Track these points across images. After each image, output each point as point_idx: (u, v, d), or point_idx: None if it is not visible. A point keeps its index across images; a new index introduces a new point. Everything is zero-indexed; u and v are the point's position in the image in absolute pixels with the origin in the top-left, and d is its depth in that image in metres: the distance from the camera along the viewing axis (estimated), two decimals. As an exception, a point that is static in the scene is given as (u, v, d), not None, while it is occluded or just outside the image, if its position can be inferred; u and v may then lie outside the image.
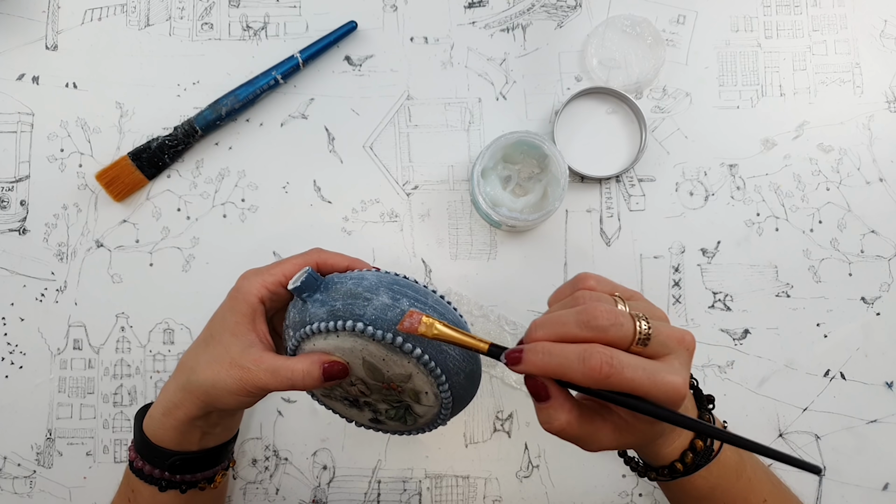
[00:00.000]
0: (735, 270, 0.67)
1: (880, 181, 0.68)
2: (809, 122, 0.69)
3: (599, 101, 0.69)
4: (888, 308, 0.66)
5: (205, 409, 0.49)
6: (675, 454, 0.47)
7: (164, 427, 0.51)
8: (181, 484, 0.53)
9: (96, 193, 0.69)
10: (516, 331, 0.67)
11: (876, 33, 0.69)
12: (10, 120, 0.70)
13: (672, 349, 0.39)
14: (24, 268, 0.69)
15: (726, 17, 0.70)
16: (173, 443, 0.51)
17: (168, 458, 0.51)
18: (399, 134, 0.70)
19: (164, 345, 0.68)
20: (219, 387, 0.47)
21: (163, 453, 0.51)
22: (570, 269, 0.68)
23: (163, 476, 0.52)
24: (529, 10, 0.70)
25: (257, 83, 0.68)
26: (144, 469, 0.52)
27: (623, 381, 0.36)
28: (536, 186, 0.65)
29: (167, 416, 0.50)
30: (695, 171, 0.68)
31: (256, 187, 0.69)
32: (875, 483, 0.65)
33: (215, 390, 0.47)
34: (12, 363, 0.68)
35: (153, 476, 0.52)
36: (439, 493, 0.66)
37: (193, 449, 0.52)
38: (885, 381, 0.66)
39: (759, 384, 0.66)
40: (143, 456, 0.52)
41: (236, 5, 0.71)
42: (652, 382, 0.37)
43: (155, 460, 0.52)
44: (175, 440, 0.51)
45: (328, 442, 0.67)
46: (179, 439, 0.51)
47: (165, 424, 0.51)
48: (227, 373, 0.47)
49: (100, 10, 0.71)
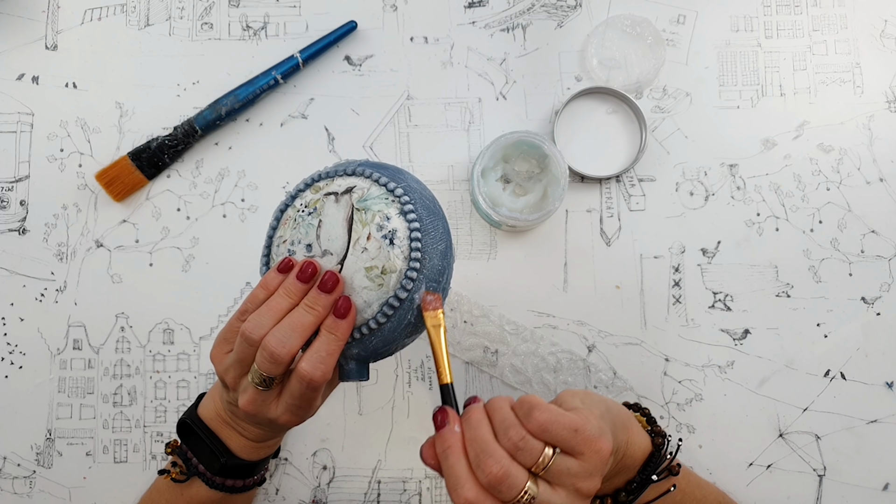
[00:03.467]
0: (735, 270, 0.67)
1: (880, 181, 0.68)
2: (809, 122, 0.68)
3: (599, 101, 0.69)
4: (888, 308, 0.66)
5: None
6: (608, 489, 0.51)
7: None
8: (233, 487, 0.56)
9: (96, 193, 0.69)
10: (517, 330, 0.67)
11: (876, 33, 0.69)
12: (10, 120, 0.70)
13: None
14: (24, 268, 0.69)
15: (726, 17, 0.70)
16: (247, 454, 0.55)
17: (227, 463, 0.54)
18: (399, 134, 0.69)
19: (164, 345, 0.68)
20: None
21: (243, 463, 0.54)
22: (570, 269, 0.68)
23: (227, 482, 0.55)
24: (529, 10, 0.70)
25: (257, 83, 0.68)
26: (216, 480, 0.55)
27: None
28: (536, 186, 0.65)
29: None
30: (695, 171, 0.68)
31: (256, 187, 0.69)
32: (875, 483, 0.65)
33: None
34: (12, 363, 0.68)
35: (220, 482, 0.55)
36: (439, 494, 0.66)
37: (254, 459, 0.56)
38: (886, 382, 0.66)
39: (759, 384, 0.66)
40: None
41: (236, 5, 0.71)
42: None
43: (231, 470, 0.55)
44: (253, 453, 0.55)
45: (328, 442, 0.67)
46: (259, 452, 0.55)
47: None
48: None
49: (100, 10, 0.71)
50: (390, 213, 0.45)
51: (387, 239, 0.45)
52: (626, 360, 0.67)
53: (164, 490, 0.57)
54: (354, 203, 0.46)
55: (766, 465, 0.65)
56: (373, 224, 0.45)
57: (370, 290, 0.45)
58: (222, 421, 0.53)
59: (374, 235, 0.45)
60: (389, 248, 0.45)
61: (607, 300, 0.67)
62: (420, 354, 0.67)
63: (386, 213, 0.45)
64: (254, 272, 0.68)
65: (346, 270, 0.45)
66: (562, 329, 0.67)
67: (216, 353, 0.49)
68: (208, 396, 0.55)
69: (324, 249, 0.46)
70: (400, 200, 0.46)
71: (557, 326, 0.67)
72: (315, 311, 0.44)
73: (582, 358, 0.67)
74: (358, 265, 0.45)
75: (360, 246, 0.45)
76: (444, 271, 0.46)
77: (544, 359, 0.66)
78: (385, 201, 0.46)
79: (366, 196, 0.46)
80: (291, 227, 0.48)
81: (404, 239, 0.45)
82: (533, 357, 0.66)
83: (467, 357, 0.67)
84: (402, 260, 0.45)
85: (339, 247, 0.46)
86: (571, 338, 0.67)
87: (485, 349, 0.67)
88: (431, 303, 0.45)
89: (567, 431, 0.41)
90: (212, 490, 0.55)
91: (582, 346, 0.67)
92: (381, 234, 0.45)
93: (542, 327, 0.67)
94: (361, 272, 0.45)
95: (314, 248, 0.47)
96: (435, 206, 0.48)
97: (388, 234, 0.45)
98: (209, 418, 0.54)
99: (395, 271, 0.45)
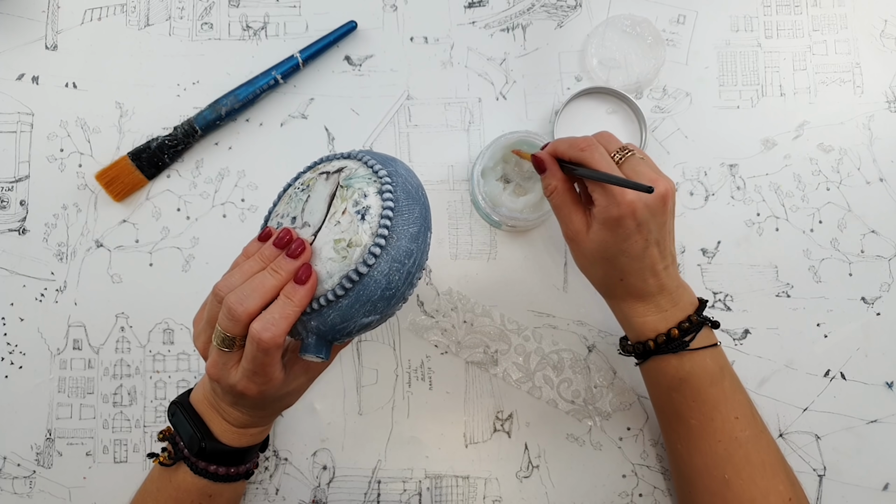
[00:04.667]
0: (735, 270, 0.67)
1: (880, 181, 0.68)
2: (809, 121, 0.68)
3: (599, 100, 0.69)
4: (888, 308, 0.66)
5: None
6: (648, 332, 0.54)
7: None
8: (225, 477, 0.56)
9: (96, 193, 0.69)
10: (518, 329, 0.67)
11: (876, 33, 0.69)
12: (10, 120, 0.70)
13: (644, 178, 0.51)
14: (24, 268, 0.69)
15: (726, 16, 0.70)
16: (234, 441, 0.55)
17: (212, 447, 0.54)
18: (399, 134, 0.69)
19: (164, 345, 0.68)
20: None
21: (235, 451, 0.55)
22: (570, 268, 0.68)
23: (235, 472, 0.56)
24: (529, 10, 0.70)
25: (257, 83, 0.68)
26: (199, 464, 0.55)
27: (587, 158, 0.52)
28: (536, 186, 0.65)
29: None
30: (695, 171, 0.68)
31: (256, 187, 0.69)
32: (875, 483, 0.65)
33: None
34: (12, 363, 0.68)
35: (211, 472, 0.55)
36: (439, 494, 0.66)
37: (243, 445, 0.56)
38: (886, 381, 0.66)
39: (759, 384, 0.66)
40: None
41: (236, 5, 0.71)
42: (609, 171, 0.51)
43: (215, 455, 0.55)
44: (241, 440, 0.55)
45: (328, 442, 0.67)
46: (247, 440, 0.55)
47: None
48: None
49: (99, 10, 0.71)
50: (369, 192, 0.46)
51: (359, 214, 0.46)
52: (626, 361, 0.67)
53: (155, 477, 0.58)
54: (340, 180, 0.48)
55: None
56: (350, 200, 0.46)
57: (334, 261, 0.45)
58: (209, 404, 0.54)
59: (349, 210, 0.46)
60: (360, 223, 0.45)
61: (607, 300, 0.67)
62: (420, 354, 0.67)
63: (364, 191, 0.46)
64: (254, 272, 0.68)
65: (318, 242, 0.46)
66: (562, 329, 0.67)
67: (195, 319, 0.50)
68: (201, 380, 0.56)
69: (304, 221, 0.48)
70: (381, 181, 0.47)
71: (557, 326, 0.67)
72: (278, 276, 0.45)
73: (582, 358, 0.67)
74: (329, 237, 0.46)
75: (335, 219, 0.46)
76: (412, 254, 0.47)
77: (546, 357, 0.66)
78: (367, 180, 0.47)
79: (352, 175, 0.48)
80: (286, 202, 0.50)
81: (375, 216, 0.46)
82: (534, 355, 0.66)
83: (467, 357, 0.67)
84: (368, 235, 0.45)
85: (318, 219, 0.47)
86: (571, 338, 0.67)
87: (486, 348, 0.67)
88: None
89: (619, 142, 0.55)
90: (197, 477, 0.54)
91: (582, 346, 0.67)
92: (355, 209, 0.46)
93: (543, 327, 0.67)
94: (330, 244, 0.46)
95: (297, 220, 0.48)
96: (418, 192, 0.49)
97: (361, 209, 0.46)
98: (197, 401, 0.55)
99: (361, 245, 0.45)
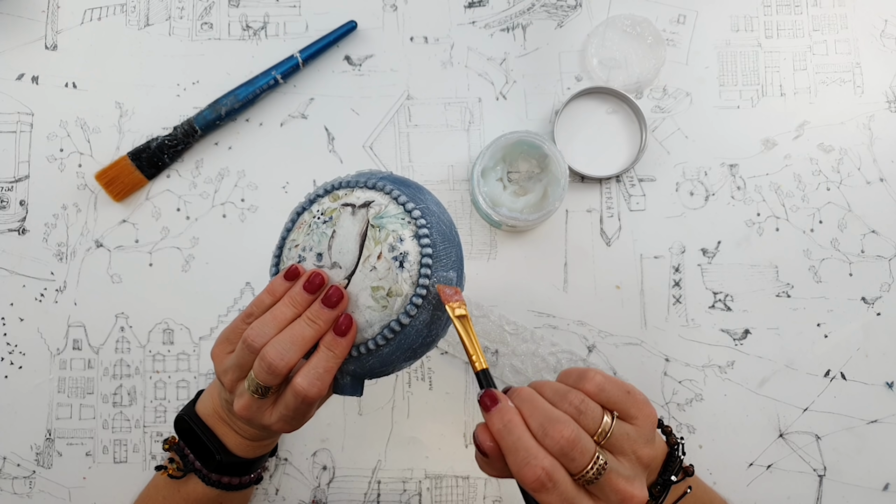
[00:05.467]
0: (735, 270, 0.67)
1: (881, 181, 0.68)
2: (810, 121, 0.68)
3: (600, 100, 0.69)
4: (889, 308, 0.66)
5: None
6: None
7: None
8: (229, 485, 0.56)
9: (96, 193, 0.69)
10: (517, 331, 0.67)
11: (876, 33, 0.69)
12: (10, 120, 0.70)
13: (612, 503, 0.39)
14: (24, 268, 0.69)
15: (727, 16, 0.70)
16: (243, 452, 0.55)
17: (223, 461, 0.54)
18: (399, 134, 0.69)
19: (164, 345, 0.68)
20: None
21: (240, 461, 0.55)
22: (570, 269, 0.68)
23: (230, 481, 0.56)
24: (529, 10, 0.70)
25: (257, 83, 0.68)
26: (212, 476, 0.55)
27: (543, 502, 0.38)
28: (536, 186, 0.65)
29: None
30: (695, 171, 0.68)
31: (256, 187, 0.69)
32: (875, 483, 0.65)
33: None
34: (12, 363, 0.68)
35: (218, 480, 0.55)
36: (439, 494, 0.66)
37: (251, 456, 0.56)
38: (886, 382, 0.66)
39: (759, 384, 0.66)
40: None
41: (236, 5, 0.71)
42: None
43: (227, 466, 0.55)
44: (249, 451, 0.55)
45: (328, 442, 0.67)
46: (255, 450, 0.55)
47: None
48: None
49: (99, 10, 0.71)
50: (404, 235, 0.44)
51: (397, 261, 0.44)
52: (626, 361, 0.67)
53: (161, 487, 0.57)
54: (370, 219, 0.45)
55: (767, 466, 0.65)
56: (385, 243, 0.44)
57: (374, 310, 0.44)
58: (219, 418, 0.53)
59: (385, 255, 0.44)
60: (399, 270, 0.44)
61: (607, 300, 0.67)
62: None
63: (400, 235, 0.44)
64: (253, 272, 0.68)
65: (353, 287, 0.45)
66: (562, 329, 0.67)
67: (217, 351, 0.49)
68: (206, 393, 0.55)
69: (333, 261, 0.45)
70: (416, 223, 0.45)
71: (557, 326, 0.67)
72: (316, 326, 0.44)
73: (582, 358, 0.66)
74: (365, 283, 0.44)
75: (370, 264, 0.44)
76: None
77: (544, 359, 0.66)
78: (401, 221, 0.45)
79: (382, 213, 0.45)
80: (305, 232, 0.47)
81: (415, 263, 0.44)
82: (533, 357, 0.66)
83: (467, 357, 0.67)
84: (409, 285, 0.44)
85: (349, 261, 0.45)
86: (571, 338, 0.67)
87: (484, 349, 0.67)
88: (451, 295, 0.44)
89: (621, 392, 0.41)
90: (208, 487, 0.55)
91: (582, 346, 0.67)
92: (392, 254, 0.44)
93: (543, 327, 0.67)
94: (367, 291, 0.44)
95: (324, 258, 0.46)
96: (451, 231, 0.47)
97: (399, 255, 0.44)
98: (206, 415, 0.54)
99: (402, 295, 0.44)
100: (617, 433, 0.40)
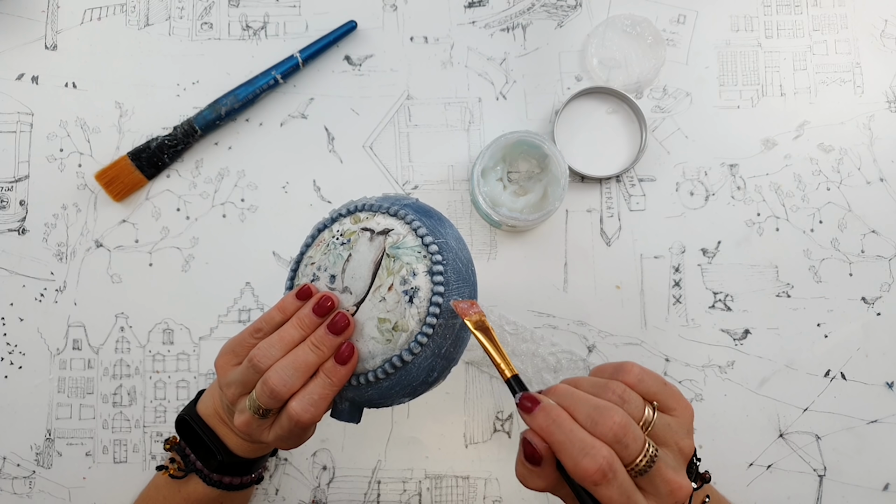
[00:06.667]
0: (735, 270, 0.67)
1: (881, 181, 0.68)
2: (810, 121, 0.68)
3: (600, 100, 0.69)
4: (889, 308, 0.66)
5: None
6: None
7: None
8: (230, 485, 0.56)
9: (96, 193, 0.69)
10: (517, 331, 0.66)
11: (876, 33, 0.69)
12: (10, 120, 0.70)
13: (661, 494, 0.38)
14: (24, 268, 0.68)
15: (727, 16, 0.70)
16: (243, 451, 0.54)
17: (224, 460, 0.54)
18: (399, 134, 0.69)
19: (164, 345, 0.68)
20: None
21: (242, 461, 0.54)
22: (570, 269, 0.68)
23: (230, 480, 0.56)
24: (529, 10, 0.70)
25: (257, 83, 0.68)
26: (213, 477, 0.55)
27: (603, 496, 0.36)
28: (536, 186, 0.65)
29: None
30: (695, 171, 0.68)
31: (256, 187, 0.69)
32: (875, 483, 0.65)
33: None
34: (12, 363, 0.68)
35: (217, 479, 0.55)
36: (439, 494, 0.66)
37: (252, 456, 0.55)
38: (886, 382, 0.66)
39: (759, 384, 0.66)
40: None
41: (236, 5, 0.71)
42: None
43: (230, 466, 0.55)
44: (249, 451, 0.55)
45: (328, 442, 0.67)
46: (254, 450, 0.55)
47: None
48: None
49: (99, 10, 0.71)
50: (418, 269, 0.44)
51: (407, 295, 0.43)
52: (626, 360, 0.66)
53: (161, 486, 0.57)
54: (387, 247, 0.44)
55: (767, 466, 0.65)
56: (398, 275, 0.43)
57: (378, 342, 0.43)
58: (220, 419, 0.53)
59: (396, 287, 0.43)
60: (407, 305, 0.43)
61: (607, 300, 0.67)
62: (420, 354, 0.67)
63: (414, 269, 0.44)
64: (253, 272, 0.68)
65: (361, 314, 0.44)
66: (562, 329, 0.67)
67: (222, 363, 0.48)
68: (207, 393, 0.55)
69: (345, 286, 0.45)
70: (432, 258, 0.44)
71: (557, 326, 0.67)
72: (319, 352, 0.44)
73: (582, 358, 0.66)
74: (372, 313, 0.44)
75: (380, 294, 0.44)
76: (456, 343, 0.45)
77: (544, 359, 0.66)
78: (417, 255, 0.44)
79: (399, 244, 0.44)
80: (323, 251, 0.47)
81: (424, 300, 0.43)
82: (533, 357, 0.66)
83: (467, 357, 0.67)
84: (416, 322, 0.43)
85: (361, 288, 0.44)
86: (571, 338, 0.67)
87: (485, 349, 0.67)
88: (466, 309, 0.43)
89: (659, 384, 0.40)
90: (209, 487, 0.55)
91: (582, 347, 0.67)
92: (403, 287, 0.43)
93: (542, 327, 0.67)
94: (374, 321, 0.44)
95: (337, 281, 0.45)
96: (468, 270, 0.46)
97: (410, 290, 0.43)
98: (207, 415, 0.54)
99: (407, 331, 0.43)
100: (659, 424, 0.39)
